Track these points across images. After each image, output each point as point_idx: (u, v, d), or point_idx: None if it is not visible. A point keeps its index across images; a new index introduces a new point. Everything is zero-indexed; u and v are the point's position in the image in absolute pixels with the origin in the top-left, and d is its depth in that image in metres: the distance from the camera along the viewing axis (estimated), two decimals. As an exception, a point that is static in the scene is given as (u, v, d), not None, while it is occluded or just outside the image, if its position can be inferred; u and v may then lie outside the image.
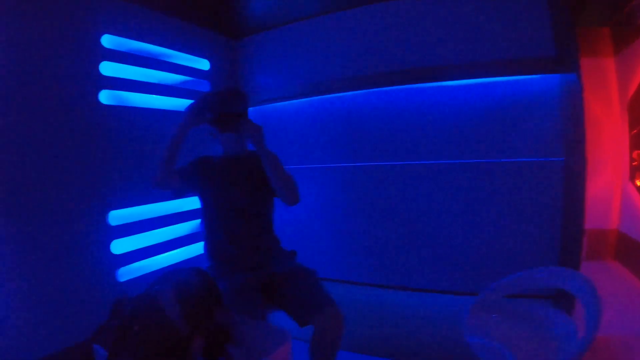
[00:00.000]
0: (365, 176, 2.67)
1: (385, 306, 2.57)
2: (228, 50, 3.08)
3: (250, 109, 2.59)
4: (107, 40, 2.11)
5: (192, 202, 2.48)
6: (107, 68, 2.10)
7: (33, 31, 1.77)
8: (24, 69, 1.74)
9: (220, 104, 1.69)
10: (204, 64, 2.80)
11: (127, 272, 2.15)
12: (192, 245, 2.58)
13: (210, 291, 1.29)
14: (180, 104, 2.51)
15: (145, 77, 2.31)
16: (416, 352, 2.15)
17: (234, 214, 1.72)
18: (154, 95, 2.36)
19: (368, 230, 2.67)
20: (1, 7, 1.67)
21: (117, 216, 2.10)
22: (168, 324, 1.16)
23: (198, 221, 2.61)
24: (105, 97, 2.08)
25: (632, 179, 3.23)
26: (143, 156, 2.21)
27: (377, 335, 2.32)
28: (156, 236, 2.32)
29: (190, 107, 1.72)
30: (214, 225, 1.76)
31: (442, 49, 2.35)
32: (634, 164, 3.20)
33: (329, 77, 2.76)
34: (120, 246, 2.11)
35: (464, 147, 2.34)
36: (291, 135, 2.97)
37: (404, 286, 2.54)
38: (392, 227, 2.59)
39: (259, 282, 1.67)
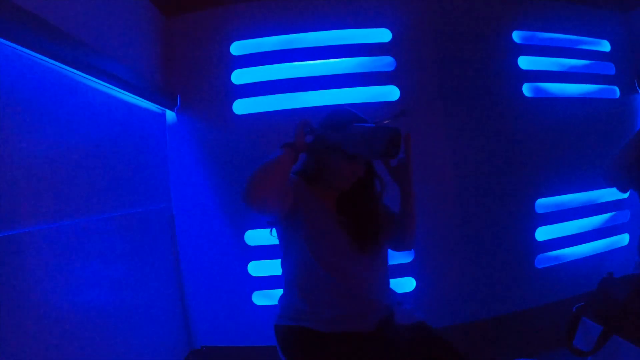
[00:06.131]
0: None
1: None
2: (625, 26, 2.67)
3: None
4: (518, 36, 2.23)
5: (611, 193, 2.27)
6: (525, 62, 2.21)
7: (451, 41, 2.10)
8: (452, 70, 2.09)
9: None
10: (604, 45, 2.53)
11: (546, 259, 2.18)
12: (611, 237, 2.40)
13: None
14: (589, 90, 2.38)
15: (556, 67, 2.30)
16: None
17: None
18: (568, 84, 2.32)
19: None
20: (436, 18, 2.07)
21: (544, 204, 2.16)
22: None
23: (613, 214, 2.42)
24: (528, 89, 2.19)
25: None
26: (568, 145, 2.23)
27: None
28: (577, 226, 2.27)
29: None
30: None
31: None
32: None
33: None
34: (544, 233, 2.16)
35: None
36: None
37: None
38: None
39: None
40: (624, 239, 2.41)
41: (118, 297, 1.52)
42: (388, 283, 1.31)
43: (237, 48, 2.05)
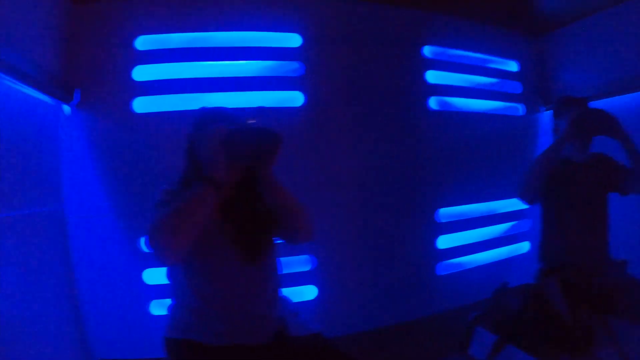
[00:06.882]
0: None
1: None
2: (534, 49, 2.86)
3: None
4: (429, 51, 2.31)
5: (512, 203, 2.41)
6: (432, 76, 2.29)
7: (362, 51, 2.13)
8: (360, 79, 2.12)
9: None
10: (512, 66, 2.69)
11: (447, 267, 2.27)
12: (512, 245, 2.55)
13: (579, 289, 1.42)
14: (495, 106, 2.49)
15: (464, 83, 2.40)
16: None
17: (576, 220, 1.65)
18: (474, 99, 2.42)
19: None
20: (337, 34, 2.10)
21: (446, 214, 2.24)
22: (555, 315, 1.36)
23: (513, 223, 2.56)
24: (434, 103, 2.27)
25: None
26: (471, 158, 2.33)
27: None
28: (479, 234, 2.37)
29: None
30: (555, 230, 1.70)
31: None
32: None
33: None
34: (446, 241, 2.24)
35: None
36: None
37: None
38: None
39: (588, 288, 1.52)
40: (524, 246, 2.56)
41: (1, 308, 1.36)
42: (279, 294, 1.26)
43: (143, 43, 1.94)
